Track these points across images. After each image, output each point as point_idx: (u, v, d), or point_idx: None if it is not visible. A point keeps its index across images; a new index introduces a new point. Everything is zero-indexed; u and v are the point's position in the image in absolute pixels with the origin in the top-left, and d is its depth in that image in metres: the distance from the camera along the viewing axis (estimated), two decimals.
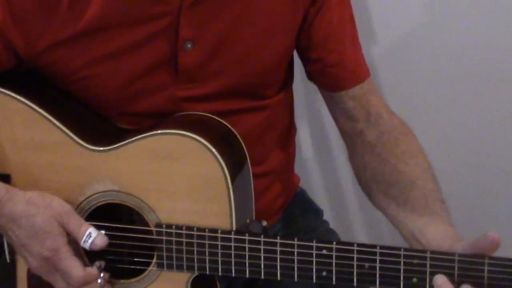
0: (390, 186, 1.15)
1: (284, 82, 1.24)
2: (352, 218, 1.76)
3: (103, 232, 1.05)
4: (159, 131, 1.04)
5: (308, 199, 1.40)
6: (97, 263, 1.06)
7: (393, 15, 1.57)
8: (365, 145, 1.21)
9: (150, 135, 1.05)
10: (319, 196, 1.71)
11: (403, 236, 1.13)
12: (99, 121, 1.13)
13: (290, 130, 1.31)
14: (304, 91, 1.62)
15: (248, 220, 1.09)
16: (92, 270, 1.05)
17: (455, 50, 1.57)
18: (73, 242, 1.05)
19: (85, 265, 1.06)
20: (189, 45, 1.09)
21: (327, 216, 1.40)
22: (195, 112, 1.12)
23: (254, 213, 1.12)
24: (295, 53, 1.23)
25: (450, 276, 0.98)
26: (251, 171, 1.11)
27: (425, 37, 1.57)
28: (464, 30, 1.55)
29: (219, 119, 1.11)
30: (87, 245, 1.03)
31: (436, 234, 1.06)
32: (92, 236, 1.03)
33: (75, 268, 1.03)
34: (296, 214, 1.33)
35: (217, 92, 1.14)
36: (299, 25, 1.17)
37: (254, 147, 1.19)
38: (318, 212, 1.39)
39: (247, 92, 1.17)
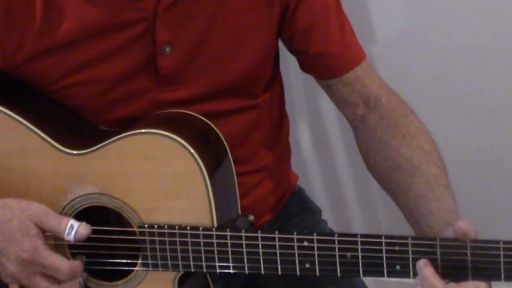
0: (393, 171, 1.14)
1: (271, 79, 1.23)
2: (351, 217, 1.75)
3: (84, 222, 1.05)
4: (134, 132, 1.05)
5: (307, 198, 1.38)
6: (79, 257, 1.06)
7: (393, 15, 1.56)
8: (367, 131, 1.19)
9: (127, 136, 1.05)
10: (318, 195, 1.71)
11: (409, 222, 1.12)
12: (78, 124, 1.13)
13: (281, 125, 1.30)
14: (304, 91, 1.61)
15: (234, 216, 1.09)
16: (76, 262, 1.05)
17: (455, 49, 1.56)
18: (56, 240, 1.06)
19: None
20: (167, 49, 1.09)
21: (325, 215, 1.39)
22: (174, 111, 1.12)
23: (239, 208, 1.11)
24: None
25: (433, 261, 0.97)
26: (233, 166, 1.10)
27: (425, 36, 1.56)
28: (464, 29, 1.54)
29: (199, 116, 1.11)
30: (71, 237, 1.03)
31: (438, 221, 1.05)
32: (75, 227, 1.03)
33: (60, 261, 1.03)
34: (294, 213, 1.32)
35: (202, 94, 1.14)
36: (279, 19, 1.16)
37: (243, 145, 1.19)
38: (316, 211, 1.37)
39: (232, 91, 1.16)
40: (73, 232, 1.03)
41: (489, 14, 1.50)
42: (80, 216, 1.08)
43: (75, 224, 1.04)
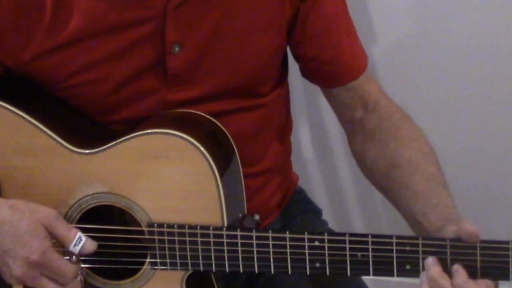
0: (391, 169, 1.15)
1: (278, 79, 1.23)
2: (351, 217, 1.75)
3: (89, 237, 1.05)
4: (146, 131, 1.04)
5: (307, 199, 1.39)
6: (74, 259, 1.05)
7: (393, 15, 1.56)
8: (365, 132, 1.21)
9: (137, 135, 1.04)
10: (319, 195, 1.71)
11: (405, 219, 1.12)
12: (86, 123, 1.13)
13: (286, 126, 1.30)
14: (304, 91, 1.62)
15: (240, 215, 1.09)
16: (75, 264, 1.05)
17: (455, 50, 1.57)
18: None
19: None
20: (176, 48, 1.09)
21: (326, 215, 1.40)
22: (182, 110, 1.12)
23: (246, 208, 1.12)
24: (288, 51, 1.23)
25: (443, 261, 0.98)
26: (240, 166, 1.10)
27: (425, 37, 1.57)
28: (464, 30, 1.55)
29: (207, 116, 1.11)
30: (77, 249, 1.03)
31: (438, 217, 1.05)
32: (83, 240, 1.03)
33: (66, 265, 1.03)
34: (294, 214, 1.32)
35: (210, 93, 1.14)
36: (289, 22, 1.15)
37: (251, 146, 1.18)
38: (317, 211, 1.38)
39: (240, 91, 1.16)
40: (80, 245, 1.03)
41: (491, 16, 1.51)
42: (87, 215, 1.08)
43: (83, 237, 1.03)
